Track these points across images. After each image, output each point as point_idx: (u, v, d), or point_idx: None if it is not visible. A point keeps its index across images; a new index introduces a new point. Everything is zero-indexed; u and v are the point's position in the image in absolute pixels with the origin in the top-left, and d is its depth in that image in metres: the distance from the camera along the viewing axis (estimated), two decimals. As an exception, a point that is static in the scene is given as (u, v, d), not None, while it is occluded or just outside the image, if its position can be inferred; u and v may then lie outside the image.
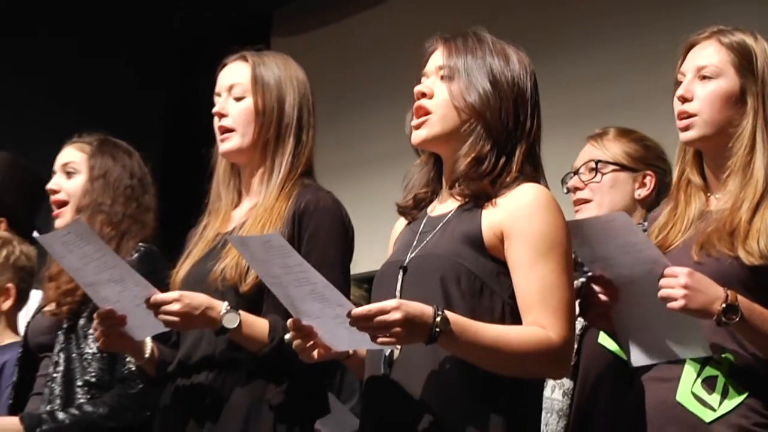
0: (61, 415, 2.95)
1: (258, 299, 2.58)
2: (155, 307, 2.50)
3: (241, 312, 2.52)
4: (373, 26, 5.76)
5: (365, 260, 2.67)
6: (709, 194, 2.49)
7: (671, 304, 2.23)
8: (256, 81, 2.75)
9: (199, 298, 2.52)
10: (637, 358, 2.39)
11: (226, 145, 2.75)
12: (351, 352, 2.39)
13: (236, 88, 2.76)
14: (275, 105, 2.74)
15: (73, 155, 3.22)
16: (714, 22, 2.49)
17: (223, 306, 2.51)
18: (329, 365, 2.51)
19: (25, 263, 3.53)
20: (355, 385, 3.20)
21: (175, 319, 2.50)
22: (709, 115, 2.44)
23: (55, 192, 3.20)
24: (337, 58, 5.08)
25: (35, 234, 2.67)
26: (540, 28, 4.91)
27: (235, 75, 2.78)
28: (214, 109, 2.78)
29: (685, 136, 2.48)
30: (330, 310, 2.21)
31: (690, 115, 2.45)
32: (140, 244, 3.08)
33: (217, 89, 2.80)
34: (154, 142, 3.40)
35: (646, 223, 2.73)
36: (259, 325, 2.54)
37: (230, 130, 2.74)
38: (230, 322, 2.50)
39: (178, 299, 2.49)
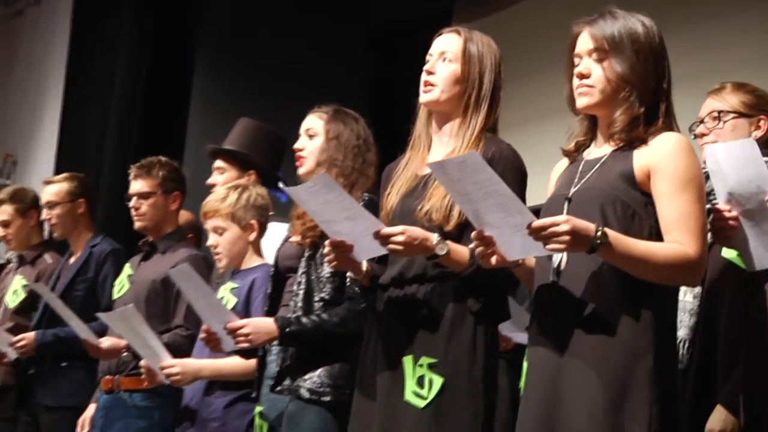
0: (304, 320, 3.08)
1: (459, 235, 2.69)
2: (383, 239, 2.61)
3: (447, 241, 2.63)
4: (535, 11, 5.83)
5: (530, 196, 2.78)
6: None
7: None
8: (464, 52, 2.80)
9: (417, 231, 2.61)
10: (753, 265, 2.48)
11: (426, 96, 2.81)
12: (520, 261, 2.47)
13: (447, 53, 2.81)
14: (477, 77, 2.79)
15: (313, 122, 3.32)
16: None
17: (434, 237, 2.62)
18: (513, 283, 2.68)
19: (262, 202, 3.63)
20: (526, 291, 3.35)
21: (400, 248, 2.60)
22: None
23: (300, 150, 3.34)
24: (509, 37, 5.26)
25: (281, 185, 2.81)
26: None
27: (447, 43, 2.83)
28: (426, 66, 2.82)
29: None
30: (511, 218, 2.29)
31: None
32: (365, 194, 3.13)
33: (431, 51, 2.85)
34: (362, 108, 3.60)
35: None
36: (462, 252, 2.64)
37: (432, 85, 2.80)
38: (441, 249, 2.61)
39: (402, 233, 2.59)
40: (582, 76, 2.45)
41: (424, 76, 2.83)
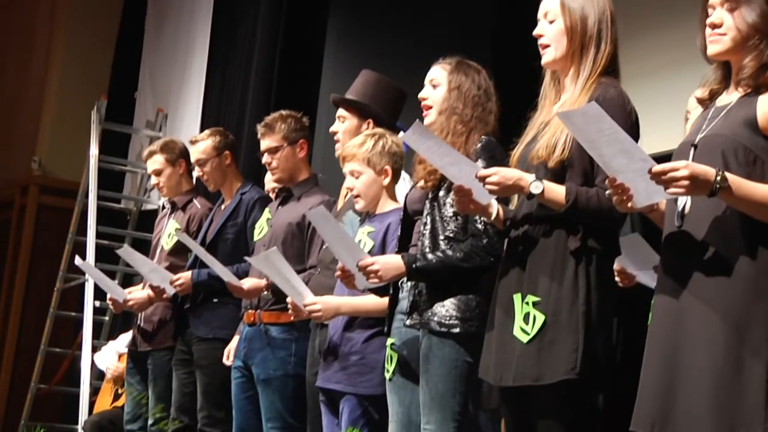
0: (429, 256, 3.06)
1: (561, 172, 2.65)
2: (481, 181, 2.64)
3: (544, 181, 2.60)
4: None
5: (661, 142, 2.75)
6: None
7: None
8: (563, 6, 2.77)
9: (512, 172, 2.63)
10: None
11: (544, 57, 2.80)
12: (655, 207, 2.43)
13: (549, 14, 2.79)
14: (579, 23, 2.75)
15: (437, 73, 3.29)
16: None
17: (530, 177, 2.60)
18: (612, 220, 2.61)
19: (396, 149, 3.61)
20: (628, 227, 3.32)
21: (495, 188, 2.62)
22: None
23: (424, 99, 3.31)
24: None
25: (401, 134, 2.81)
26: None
27: (548, 4, 2.81)
28: (534, 32, 2.82)
29: None
30: (633, 164, 2.26)
31: None
32: (483, 136, 3.12)
33: (538, 16, 2.83)
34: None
35: None
36: (558, 190, 2.61)
37: (547, 46, 2.79)
38: (536, 188, 2.59)
39: (495, 173, 2.62)
40: (714, 26, 2.40)
41: (538, 41, 2.81)
